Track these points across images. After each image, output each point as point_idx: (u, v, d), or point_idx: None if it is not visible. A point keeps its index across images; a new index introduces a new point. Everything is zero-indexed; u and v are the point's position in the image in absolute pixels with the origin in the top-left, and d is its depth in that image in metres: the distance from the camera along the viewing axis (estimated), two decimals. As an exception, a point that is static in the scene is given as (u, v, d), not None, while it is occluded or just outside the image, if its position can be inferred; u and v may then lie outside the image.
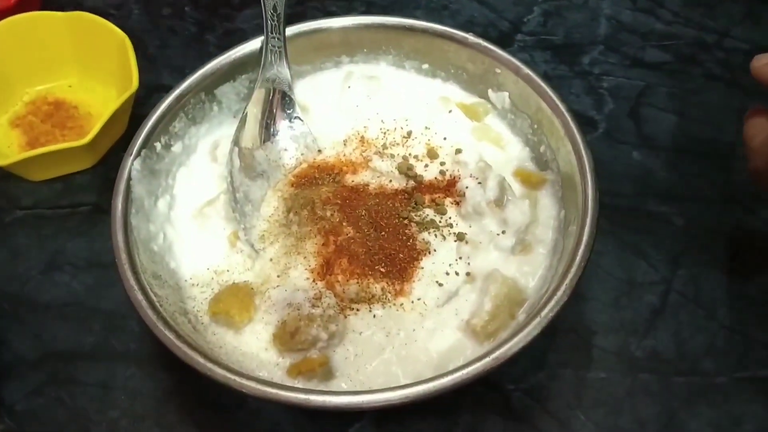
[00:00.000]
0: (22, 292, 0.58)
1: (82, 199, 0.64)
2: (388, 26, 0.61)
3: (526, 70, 0.56)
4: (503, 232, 0.53)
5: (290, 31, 0.60)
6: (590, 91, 0.70)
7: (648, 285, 0.57)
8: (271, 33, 0.58)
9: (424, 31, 0.60)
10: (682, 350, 0.54)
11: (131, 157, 0.53)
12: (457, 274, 0.52)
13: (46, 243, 0.61)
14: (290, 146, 0.59)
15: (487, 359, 0.43)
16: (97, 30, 0.67)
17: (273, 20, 0.58)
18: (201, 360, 0.44)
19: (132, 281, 0.47)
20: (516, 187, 0.56)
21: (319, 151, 0.59)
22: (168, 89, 0.67)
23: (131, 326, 0.56)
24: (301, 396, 0.43)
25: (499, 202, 0.54)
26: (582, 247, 0.47)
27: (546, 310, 0.45)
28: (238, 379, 0.43)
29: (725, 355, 0.54)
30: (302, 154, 0.59)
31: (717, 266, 0.58)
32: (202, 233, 0.55)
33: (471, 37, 0.59)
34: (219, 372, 0.43)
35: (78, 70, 0.70)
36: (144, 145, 0.54)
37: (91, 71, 0.69)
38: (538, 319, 0.44)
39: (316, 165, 0.58)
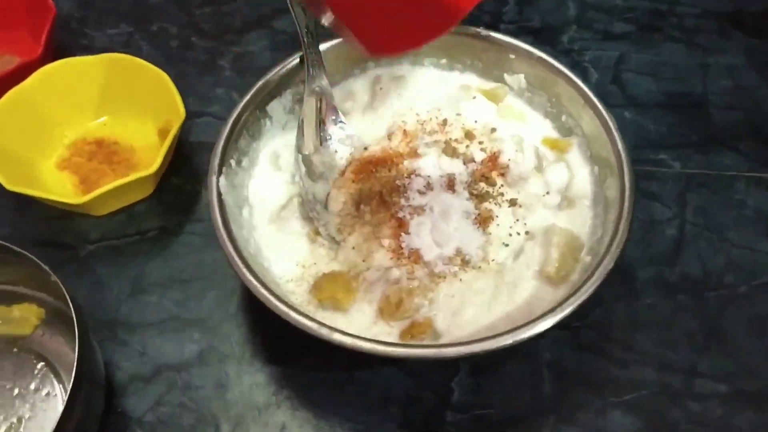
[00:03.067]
0: (117, 316, 0.62)
1: (147, 225, 0.68)
2: (409, 30, 0.68)
3: (539, 54, 0.65)
4: (547, 192, 0.62)
5: (322, 46, 0.66)
6: (575, 65, 0.80)
7: (666, 221, 0.67)
8: (309, 49, 0.64)
9: (441, 31, 0.68)
10: (706, 270, 0.64)
11: (215, 175, 0.58)
12: (518, 234, 0.60)
13: (124, 270, 0.65)
14: (340, 148, 0.65)
15: (573, 298, 0.51)
16: (129, 68, 0.71)
17: (308, 37, 0.64)
18: (335, 334, 0.50)
19: (254, 281, 0.52)
20: (547, 153, 0.65)
21: (366, 148, 0.66)
22: (198, 114, 0.72)
23: (230, 330, 0.61)
24: (431, 351, 0.50)
25: (539, 168, 0.63)
26: (627, 193, 0.56)
27: (614, 247, 0.53)
28: (366, 344, 0.49)
29: (741, 268, 0.64)
30: (350, 154, 0.65)
31: (716, 197, 0.69)
32: (284, 234, 0.61)
33: (482, 31, 0.67)
34: (348, 341, 0.49)
35: (110, 107, 0.74)
36: (222, 163, 0.59)
37: (123, 107, 0.73)
38: (608, 258, 0.53)
39: (367, 160, 0.64)
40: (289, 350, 0.60)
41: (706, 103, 0.76)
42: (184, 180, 0.70)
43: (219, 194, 0.57)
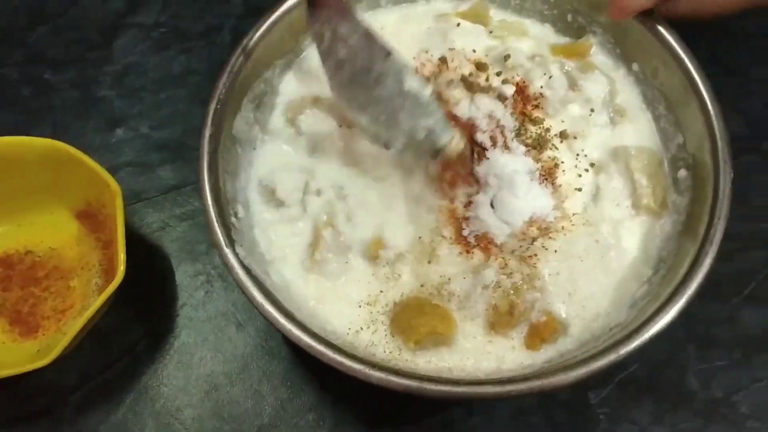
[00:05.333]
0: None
1: (130, 338, 0.53)
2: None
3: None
4: (592, 110, 0.52)
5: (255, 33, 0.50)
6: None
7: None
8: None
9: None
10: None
11: (227, 249, 0.43)
12: (586, 170, 0.51)
13: (137, 404, 0.51)
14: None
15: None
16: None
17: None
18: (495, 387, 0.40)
19: (341, 357, 0.41)
20: (566, 63, 0.54)
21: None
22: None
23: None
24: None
25: (573, 85, 0.53)
26: (700, 82, 0.48)
27: (721, 153, 0.46)
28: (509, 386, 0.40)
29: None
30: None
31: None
32: (330, 279, 0.48)
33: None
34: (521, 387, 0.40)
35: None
36: (227, 229, 0.44)
37: (13, 204, 0.54)
38: (723, 167, 0.45)
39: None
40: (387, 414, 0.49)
41: None
42: (142, 260, 0.54)
43: (247, 271, 0.43)
